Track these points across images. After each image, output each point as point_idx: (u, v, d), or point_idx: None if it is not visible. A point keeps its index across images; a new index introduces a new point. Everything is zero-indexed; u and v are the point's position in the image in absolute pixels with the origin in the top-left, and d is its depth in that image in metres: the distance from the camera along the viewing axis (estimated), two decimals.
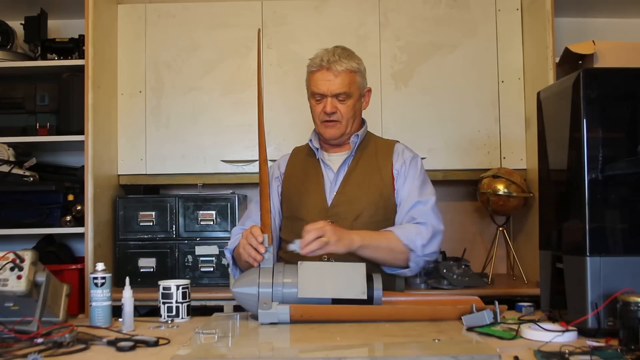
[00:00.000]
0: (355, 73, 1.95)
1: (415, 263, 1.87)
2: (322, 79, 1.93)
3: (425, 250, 1.85)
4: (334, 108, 1.93)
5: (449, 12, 3.09)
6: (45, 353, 1.33)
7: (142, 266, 2.90)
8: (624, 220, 1.45)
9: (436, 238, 1.88)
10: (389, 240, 1.83)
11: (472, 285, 2.73)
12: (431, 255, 1.88)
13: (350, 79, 1.94)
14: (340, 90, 1.92)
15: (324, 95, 1.94)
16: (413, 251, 1.84)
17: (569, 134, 1.48)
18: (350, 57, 1.96)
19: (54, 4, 3.05)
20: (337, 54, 1.94)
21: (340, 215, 1.91)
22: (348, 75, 1.93)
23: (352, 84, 1.94)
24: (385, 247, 1.82)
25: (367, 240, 1.79)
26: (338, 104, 1.94)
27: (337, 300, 1.62)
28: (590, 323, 1.39)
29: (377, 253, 1.81)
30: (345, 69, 1.92)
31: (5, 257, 1.57)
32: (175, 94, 3.10)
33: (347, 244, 1.74)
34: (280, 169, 2.09)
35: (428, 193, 1.95)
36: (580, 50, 2.60)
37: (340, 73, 1.92)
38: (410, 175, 1.97)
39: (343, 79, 1.92)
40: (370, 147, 2.03)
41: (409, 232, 1.85)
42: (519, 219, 3.12)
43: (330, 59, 1.93)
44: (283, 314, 1.58)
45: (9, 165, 2.85)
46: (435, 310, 1.64)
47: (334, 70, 1.92)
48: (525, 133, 3.04)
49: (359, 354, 1.30)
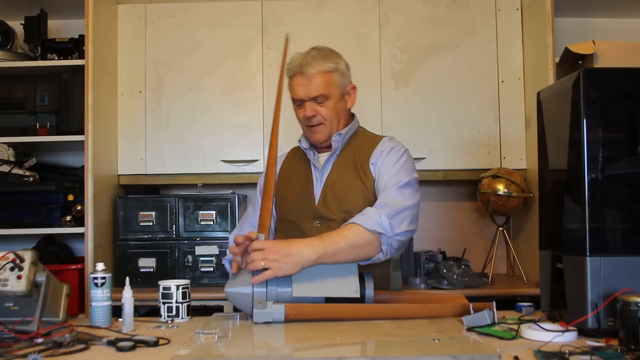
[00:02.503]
0: (332, 73, 1.89)
1: (388, 245, 1.74)
2: (298, 84, 1.90)
3: (395, 229, 1.73)
4: (313, 111, 1.89)
5: (449, 12, 3.09)
6: (45, 353, 1.33)
7: (142, 266, 2.90)
8: (624, 220, 1.45)
9: (402, 214, 1.75)
10: (350, 236, 1.69)
11: (472, 285, 2.73)
12: (404, 234, 1.75)
13: (327, 80, 1.88)
14: (316, 93, 1.88)
15: (303, 100, 1.90)
16: (382, 234, 1.72)
17: (569, 134, 1.48)
18: (325, 58, 1.90)
19: (54, 4, 3.05)
20: (310, 56, 1.89)
21: (328, 216, 1.87)
22: (323, 76, 1.88)
23: (329, 84, 1.89)
24: (347, 247, 1.68)
25: (323, 249, 1.65)
26: (317, 106, 1.89)
27: (330, 299, 1.63)
28: (590, 323, 1.39)
29: (340, 257, 1.68)
30: (319, 71, 1.87)
31: (5, 257, 1.57)
32: (175, 94, 3.11)
33: (295, 263, 1.62)
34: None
35: (402, 176, 1.84)
36: (580, 50, 2.60)
37: (315, 76, 1.87)
38: (385, 165, 1.87)
39: (318, 81, 1.87)
40: (357, 145, 1.97)
41: (371, 216, 1.73)
42: (519, 219, 3.13)
43: (302, 62, 1.88)
44: (278, 313, 1.59)
45: (9, 165, 2.85)
46: (428, 307, 1.66)
47: (308, 73, 1.87)
48: (525, 133, 3.04)
49: (358, 353, 1.30)
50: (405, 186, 1.82)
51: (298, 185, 1.96)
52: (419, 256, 3.00)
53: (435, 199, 3.32)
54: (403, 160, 1.89)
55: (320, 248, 1.66)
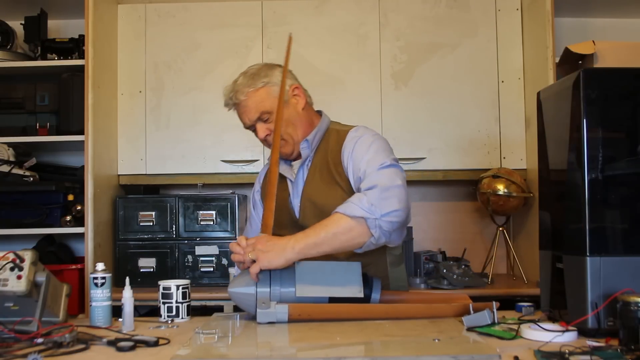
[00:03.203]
0: (262, 88, 1.85)
1: (377, 228, 1.63)
2: (240, 114, 1.89)
3: (381, 209, 1.62)
4: (266, 131, 1.86)
5: (449, 12, 3.09)
6: (45, 353, 1.33)
7: (142, 266, 2.90)
8: (624, 220, 1.45)
9: (388, 194, 1.65)
10: (331, 225, 1.64)
11: (472, 285, 2.73)
12: (392, 214, 1.63)
13: (261, 97, 1.85)
14: (257, 114, 1.85)
15: (252, 125, 1.88)
16: (367, 218, 1.62)
17: (569, 134, 1.48)
18: (253, 77, 1.86)
19: (54, 4, 3.05)
20: (238, 84, 1.88)
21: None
22: (255, 96, 1.85)
23: (265, 100, 1.85)
24: (329, 235, 1.63)
25: (304, 240, 1.62)
26: (267, 125, 1.86)
27: (334, 299, 1.63)
28: (590, 323, 1.39)
29: (324, 247, 1.63)
30: (248, 93, 1.85)
31: (5, 257, 1.57)
32: (175, 94, 3.11)
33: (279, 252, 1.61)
34: (259, 182, 2.06)
35: (381, 159, 1.74)
36: (580, 50, 2.60)
37: (247, 100, 1.85)
38: (357, 156, 1.79)
39: (253, 102, 1.85)
40: (328, 145, 1.89)
41: (351, 202, 1.64)
42: (519, 219, 3.13)
43: (231, 93, 1.88)
44: (281, 313, 1.59)
45: (9, 165, 2.85)
46: (430, 307, 1.66)
47: (240, 101, 1.86)
48: (525, 133, 3.04)
49: (359, 353, 1.29)
50: (387, 167, 1.72)
51: (278, 199, 1.85)
52: (419, 256, 3.00)
53: (435, 199, 3.32)
54: (376, 145, 1.80)
55: (302, 240, 1.63)
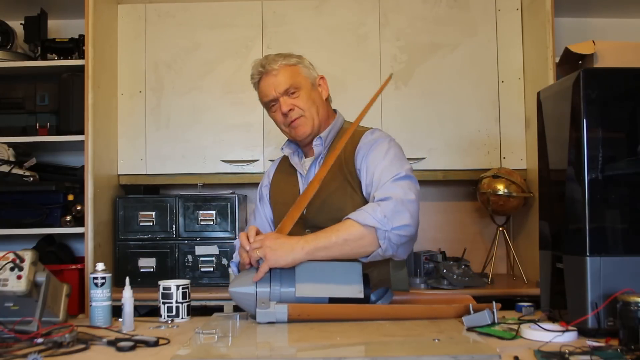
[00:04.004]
0: (295, 66, 1.89)
1: (386, 239, 1.65)
2: (265, 85, 1.88)
3: (392, 222, 1.64)
4: (289, 105, 1.86)
5: (449, 12, 3.09)
6: (45, 353, 1.33)
7: (142, 266, 2.90)
8: (624, 220, 1.45)
9: (401, 207, 1.66)
10: (342, 231, 1.65)
11: (472, 285, 2.73)
12: (403, 228, 1.65)
13: (292, 72, 1.88)
14: (286, 86, 1.86)
15: (276, 99, 1.87)
16: (377, 228, 1.64)
17: (569, 134, 1.48)
18: (285, 57, 1.90)
19: (54, 4, 3.05)
20: (270, 57, 1.90)
21: (319, 224, 1.80)
22: (288, 69, 1.87)
23: (296, 75, 1.88)
24: (340, 241, 1.64)
25: (314, 242, 1.64)
26: (291, 99, 1.87)
27: (334, 299, 1.63)
28: (590, 323, 1.39)
29: (333, 251, 1.65)
30: (282, 65, 1.87)
31: (5, 257, 1.57)
32: (175, 94, 3.11)
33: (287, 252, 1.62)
34: (268, 177, 2.05)
35: (396, 169, 1.76)
36: (580, 50, 2.60)
37: (279, 70, 1.86)
38: (372, 161, 1.80)
39: (284, 74, 1.87)
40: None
41: (365, 211, 1.66)
42: (519, 219, 3.13)
43: (263, 62, 1.88)
44: (281, 313, 1.58)
45: (9, 165, 2.85)
46: (432, 308, 1.65)
47: (272, 70, 1.86)
48: (525, 133, 3.04)
49: (359, 353, 1.29)
50: (403, 179, 1.74)
51: (287, 194, 1.92)
52: (419, 256, 3.00)
53: (435, 199, 3.32)
54: (392, 152, 1.81)
55: (312, 241, 1.64)
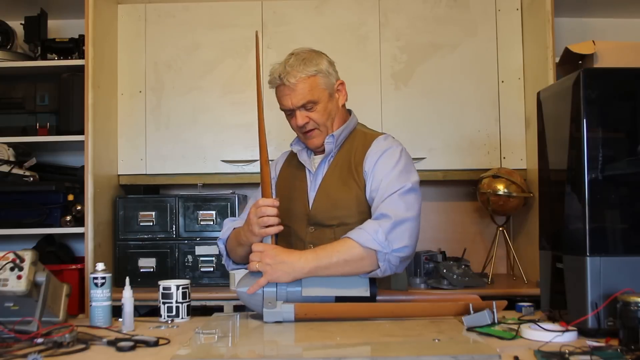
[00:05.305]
0: (314, 76, 1.83)
1: (386, 262, 1.66)
2: (283, 95, 1.85)
3: (393, 245, 1.65)
4: (305, 119, 1.85)
5: (449, 12, 3.09)
6: (45, 353, 1.33)
7: (142, 266, 2.90)
8: (624, 220, 1.45)
9: (402, 227, 1.67)
10: (343, 251, 1.65)
11: (472, 285, 2.73)
12: (402, 250, 1.67)
13: (311, 85, 1.82)
14: (303, 101, 1.82)
15: (292, 110, 1.85)
16: (378, 251, 1.65)
17: (569, 134, 1.48)
18: (305, 62, 1.83)
19: (54, 4, 3.05)
20: (289, 65, 1.82)
21: (322, 222, 1.83)
22: (306, 82, 1.82)
23: (314, 89, 1.83)
24: (340, 262, 1.64)
25: (315, 262, 1.64)
26: (308, 113, 1.84)
27: (340, 298, 1.64)
28: (590, 323, 1.39)
29: (333, 270, 1.65)
30: (301, 78, 1.81)
31: (5, 257, 1.57)
32: (175, 94, 3.11)
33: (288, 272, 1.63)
34: (276, 170, 2.05)
35: (403, 181, 1.75)
36: (580, 50, 2.60)
37: (297, 84, 1.81)
38: (381, 169, 1.79)
39: (302, 89, 1.82)
40: (352, 145, 1.89)
41: (367, 232, 1.66)
42: (519, 219, 3.12)
43: (282, 73, 1.82)
44: (287, 313, 1.59)
45: (9, 165, 2.85)
46: (436, 306, 1.66)
47: (289, 83, 1.81)
48: (525, 133, 3.04)
49: (359, 353, 1.30)
50: (408, 192, 1.74)
51: (293, 189, 1.92)
52: (419, 256, 3.00)
53: (435, 199, 3.32)
54: (402, 163, 1.81)
55: (312, 261, 1.64)
